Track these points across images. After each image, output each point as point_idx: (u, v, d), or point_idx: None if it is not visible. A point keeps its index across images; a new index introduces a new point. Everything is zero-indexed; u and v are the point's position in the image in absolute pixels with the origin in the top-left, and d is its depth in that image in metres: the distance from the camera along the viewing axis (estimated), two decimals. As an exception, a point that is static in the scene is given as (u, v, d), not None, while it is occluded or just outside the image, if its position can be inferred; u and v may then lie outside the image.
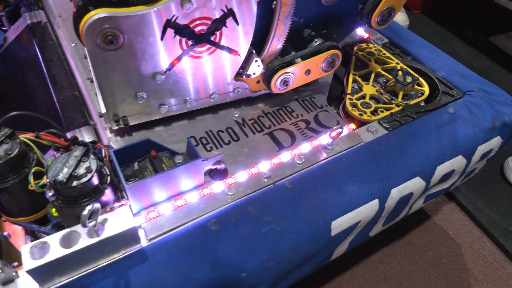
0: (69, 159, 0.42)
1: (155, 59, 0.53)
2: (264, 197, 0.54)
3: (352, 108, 0.70)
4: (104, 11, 0.45)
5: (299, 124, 0.67)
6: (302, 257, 0.54)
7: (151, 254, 0.47)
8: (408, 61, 0.81)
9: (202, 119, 0.66)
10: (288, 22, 0.59)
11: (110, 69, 0.51)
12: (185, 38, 0.52)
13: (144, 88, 0.56)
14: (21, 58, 0.78)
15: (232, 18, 0.53)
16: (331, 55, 0.65)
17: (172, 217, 0.51)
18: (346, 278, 0.82)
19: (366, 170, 0.59)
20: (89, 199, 0.44)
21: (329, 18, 0.65)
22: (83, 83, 0.68)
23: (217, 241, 0.49)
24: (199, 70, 0.58)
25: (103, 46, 0.48)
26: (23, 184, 0.45)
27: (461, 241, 0.90)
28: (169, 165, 0.53)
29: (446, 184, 0.70)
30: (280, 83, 0.64)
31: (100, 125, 0.62)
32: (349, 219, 0.56)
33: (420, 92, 0.75)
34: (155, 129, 0.63)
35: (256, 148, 0.62)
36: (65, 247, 0.42)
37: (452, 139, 0.66)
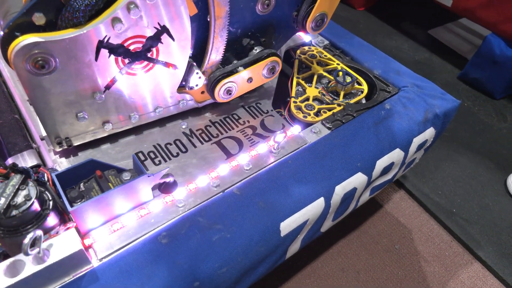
0: (6, 189, 0.42)
1: (92, 79, 0.53)
2: (214, 206, 0.56)
3: (296, 111, 0.72)
4: (32, 37, 0.45)
5: (246, 131, 0.69)
6: (254, 260, 0.56)
7: (101, 274, 0.47)
8: (348, 61, 0.85)
9: (149, 133, 0.66)
10: (224, 33, 0.60)
11: (46, 92, 0.50)
12: (121, 56, 0.53)
13: (85, 108, 0.56)
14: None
15: (166, 34, 0.54)
16: (271, 62, 0.68)
17: (122, 235, 0.52)
18: (307, 273, 0.86)
19: (310, 171, 0.62)
20: (32, 226, 0.43)
21: (265, 26, 0.67)
22: (23, 105, 0.67)
23: (168, 254, 0.50)
24: (140, 86, 0.59)
25: (34, 71, 0.47)
26: (-40, 217, 0.44)
27: (411, 226, 0.96)
28: (115, 183, 0.54)
29: (388, 176, 0.75)
30: (224, 92, 0.66)
31: (44, 148, 0.61)
32: (297, 219, 0.58)
33: (360, 90, 0.79)
34: (102, 147, 0.63)
35: (205, 158, 0.63)
36: (11, 276, 0.41)
37: (389, 134, 0.70)
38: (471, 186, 1.05)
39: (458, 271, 0.89)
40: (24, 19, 0.45)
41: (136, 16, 0.49)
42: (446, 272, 0.89)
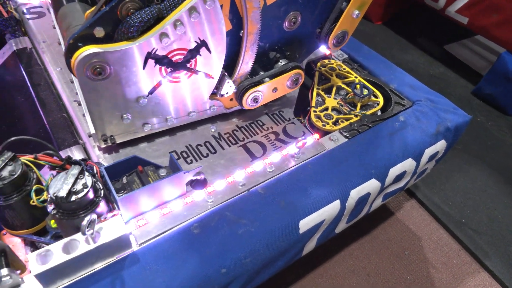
0: (68, 177, 0.49)
1: (138, 85, 0.60)
2: (240, 203, 0.62)
3: (316, 120, 0.78)
4: (92, 48, 0.52)
5: (270, 136, 0.75)
6: (275, 254, 0.61)
7: (141, 257, 0.53)
8: (365, 75, 0.91)
9: (182, 134, 0.73)
10: (254, 48, 0.67)
11: (99, 96, 0.58)
12: (164, 66, 0.60)
13: (129, 110, 0.63)
14: (9, 83, 0.83)
15: (205, 47, 0.61)
16: (294, 74, 0.74)
17: (159, 224, 0.58)
18: (320, 272, 0.91)
19: (328, 175, 0.68)
20: (86, 211, 0.50)
21: (291, 41, 0.74)
22: (70, 105, 0.74)
23: (200, 243, 0.56)
24: (178, 92, 0.65)
25: (92, 77, 0.54)
26: (25, 200, 0.51)
27: (421, 233, 1.01)
28: (154, 178, 0.60)
29: (400, 184, 0.80)
30: (251, 100, 0.72)
31: (89, 144, 0.68)
32: (315, 218, 0.64)
33: (375, 102, 0.85)
34: (140, 146, 0.70)
35: (232, 159, 0.70)
36: (67, 253, 0.48)
37: (403, 144, 0.76)
38: (480, 198, 1.08)
39: (465, 279, 0.93)
40: (86, 32, 0.52)
41: (181, 32, 0.56)
42: (453, 280, 0.93)
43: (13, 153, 0.51)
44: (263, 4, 0.63)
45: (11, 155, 0.50)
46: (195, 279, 0.54)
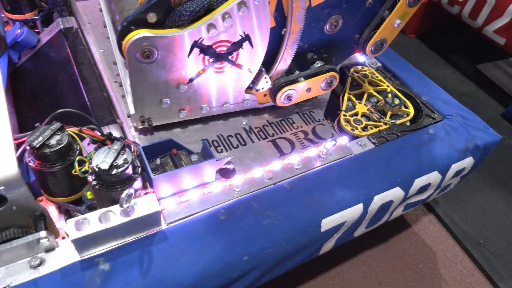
0: (110, 152, 0.51)
1: (180, 72, 0.62)
2: (266, 195, 0.64)
3: (345, 124, 0.79)
4: (144, 32, 0.55)
5: (299, 135, 0.76)
6: (295, 248, 0.63)
7: (169, 235, 0.56)
8: (398, 85, 0.91)
9: (214, 124, 0.75)
10: (294, 47, 0.69)
11: (144, 78, 0.60)
12: (208, 56, 0.62)
13: (169, 96, 0.65)
14: (53, 59, 0.86)
15: (248, 42, 0.63)
16: (329, 76, 0.75)
17: (188, 206, 0.60)
18: (331, 275, 0.92)
19: (353, 178, 0.69)
20: (123, 185, 0.53)
21: (329, 44, 0.75)
22: (110, 86, 0.78)
23: (225, 229, 0.58)
24: (216, 83, 0.68)
25: (140, 59, 0.57)
26: (68, 170, 0.54)
27: (436, 249, 1.00)
28: (186, 162, 0.63)
29: (423, 196, 0.80)
30: (285, 98, 0.74)
31: (126, 124, 0.71)
32: (337, 219, 0.65)
33: (406, 113, 0.85)
34: (174, 130, 0.72)
35: (260, 153, 0.71)
36: (102, 223, 0.51)
37: (430, 157, 0.76)
38: (500, 221, 1.07)
39: (478, 299, 0.93)
40: (139, 16, 0.55)
41: (228, 25, 0.58)
42: (465, 298, 0.92)
43: (61, 124, 0.54)
44: (308, 5, 0.64)
45: (59, 126, 0.53)
46: (218, 263, 0.56)
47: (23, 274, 0.50)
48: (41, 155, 0.51)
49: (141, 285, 0.51)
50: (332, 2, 0.67)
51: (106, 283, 0.50)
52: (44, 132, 0.52)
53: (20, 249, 0.50)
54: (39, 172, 0.53)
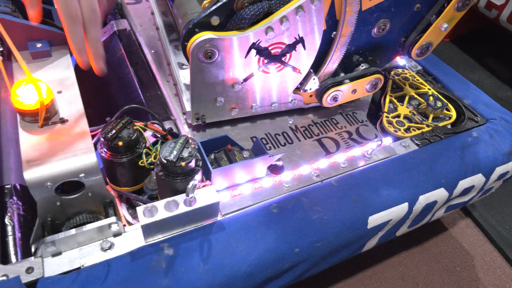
0: (177, 145, 0.55)
1: (236, 72, 0.66)
2: (314, 191, 0.66)
3: (388, 125, 0.81)
4: (208, 34, 0.59)
5: (343, 134, 0.79)
6: (341, 243, 0.65)
7: (226, 226, 0.59)
8: (439, 88, 0.92)
9: (262, 122, 0.78)
10: (343, 49, 0.71)
11: (204, 78, 0.64)
12: (263, 57, 0.65)
13: (223, 94, 0.69)
14: (109, 59, 0.91)
15: (301, 44, 0.65)
16: (375, 78, 0.77)
17: (241, 199, 0.63)
18: (369, 274, 0.93)
19: (399, 178, 0.71)
20: (186, 177, 0.56)
21: (375, 47, 0.77)
22: (163, 85, 0.82)
23: (277, 222, 0.61)
24: (267, 83, 0.71)
25: (203, 60, 0.61)
26: (134, 161, 0.58)
27: (474, 253, 1.00)
28: (239, 158, 0.66)
29: (465, 198, 0.81)
30: (331, 99, 0.76)
31: (179, 121, 0.75)
32: (383, 216, 0.67)
33: (448, 116, 0.86)
34: (224, 128, 0.76)
35: (307, 151, 0.74)
36: (168, 211, 0.54)
37: (474, 159, 0.77)
38: (540, 227, 1.06)
39: (517, 305, 0.92)
40: (204, 19, 0.59)
41: (285, 28, 0.61)
42: (504, 303, 0.92)
43: (131, 119, 0.58)
44: (359, 9, 0.67)
45: (130, 120, 0.57)
46: (271, 253, 0.58)
47: (95, 255, 0.54)
48: (113, 146, 0.56)
49: (202, 271, 0.54)
50: (382, 6, 0.69)
51: (170, 267, 0.54)
52: (117, 126, 0.56)
53: (92, 233, 0.54)
54: (109, 162, 0.58)
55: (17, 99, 0.52)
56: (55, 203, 0.53)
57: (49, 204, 0.53)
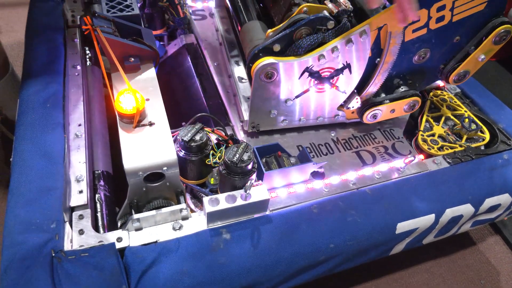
0: (239, 149, 0.67)
1: (290, 90, 0.77)
2: (350, 197, 0.76)
3: (422, 143, 0.89)
4: (270, 59, 0.70)
5: (379, 149, 0.88)
6: (371, 244, 0.74)
7: (273, 219, 0.70)
8: (475, 111, 0.99)
9: (307, 133, 0.89)
10: (386, 74, 0.80)
11: (263, 94, 0.76)
12: (313, 79, 0.76)
13: (277, 108, 0.80)
14: (178, 69, 1.06)
15: (348, 69, 0.76)
16: (413, 100, 0.86)
17: (286, 198, 0.75)
18: (395, 278, 1.01)
19: (428, 191, 0.79)
20: (244, 176, 0.68)
21: (415, 72, 0.85)
22: (224, 94, 0.95)
23: (317, 220, 0.71)
24: (315, 100, 0.81)
25: (264, 80, 0.73)
26: (203, 160, 0.71)
27: (500, 269, 1.05)
28: (287, 163, 0.77)
29: (492, 215, 0.87)
30: (371, 116, 0.85)
31: (236, 127, 0.88)
32: (410, 224, 0.76)
33: (481, 138, 0.92)
34: (274, 136, 0.87)
35: (346, 161, 0.84)
36: (228, 203, 0.67)
37: (502, 180, 0.83)
38: None
39: (539, 322, 0.96)
40: (267, 46, 0.71)
41: (335, 56, 0.72)
42: (526, 319, 0.96)
43: (202, 125, 0.71)
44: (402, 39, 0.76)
45: (201, 126, 0.71)
46: (310, 246, 0.69)
47: (168, 233, 0.67)
48: (188, 146, 0.69)
49: (252, 255, 0.66)
50: (423, 38, 0.77)
51: (227, 249, 0.66)
52: (191, 130, 0.69)
53: (167, 215, 0.68)
54: (183, 159, 0.71)
55: (120, 104, 0.67)
56: (142, 189, 0.67)
57: (137, 189, 0.67)
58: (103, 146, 0.88)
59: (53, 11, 1.05)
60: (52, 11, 1.05)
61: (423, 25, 0.74)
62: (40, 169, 0.68)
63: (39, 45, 0.94)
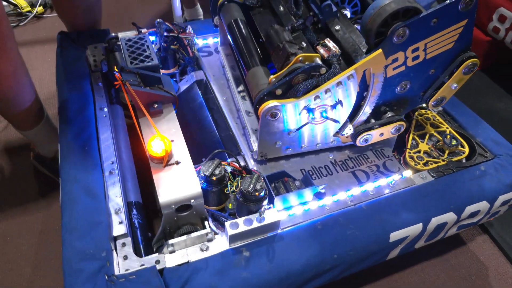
0: (252, 180, 0.80)
1: (292, 125, 0.90)
2: (348, 213, 0.89)
3: (409, 159, 1.02)
4: (274, 102, 0.84)
5: (372, 167, 1.01)
6: (369, 252, 0.87)
7: (285, 237, 0.83)
8: (456, 127, 1.11)
9: (309, 158, 1.02)
10: (373, 105, 0.93)
11: (269, 129, 0.89)
12: (311, 113, 0.89)
13: (282, 139, 0.94)
14: (191, 103, 1.20)
15: (340, 104, 0.89)
16: (398, 124, 0.99)
17: (294, 218, 0.87)
18: (395, 278, 1.13)
19: (415, 203, 0.92)
20: (258, 202, 0.81)
21: (399, 100, 0.98)
22: (233, 126, 1.08)
23: (321, 235, 0.84)
24: (314, 130, 0.95)
25: (269, 118, 0.86)
26: (222, 190, 0.84)
27: (488, 265, 1.17)
28: (293, 187, 0.90)
29: (474, 220, 1.00)
30: (363, 140, 0.98)
31: (247, 156, 1.01)
32: (401, 233, 0.88)
33: (462, 151, 1.05)
34: (280, 162, 1.00)
35: (343, 181, 0.97)
36: (246, 226, 0.80)
37: (480, 189, 0.96)
38: (553, 246, 1.21)
39: (525, 311, 1.08)
40: (271, 91, 0.84)
41: (329, 96, 0.85)
42: (513, 309, 1.09)
43: (219, 160, 0.84)
44: (384, 77, 0.89)
45: (219, 162, 0.84)
46: (316, 257, 0.82)
47: (197, 254, 0.80)
48: (209, 180, 0.82)
49: (268, 268, 0.79)
50: (403, 73, 0.90)
51: (248, 264, 0.79)
52: (211, 166, 0.82)
53: (195, 239, 0.81)
54: (205, 191, 0.84)
55: (151, 149, 0.80)
56: (173, 218, 0.80)
57: (170, 218, 0.80)
58: (132, 178, 1.02)
59: (78, 59, 1.19)
60: (77, 59, 1.19)
61: (401, 64, 0.88)
62: (87, 206, 0.82)
63: (70, 92, 1.08)
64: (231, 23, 1.07)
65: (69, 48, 1.22)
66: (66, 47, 1.22)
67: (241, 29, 1.04)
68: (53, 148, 1.25)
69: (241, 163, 0.97)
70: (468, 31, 0.87)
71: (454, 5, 0.80)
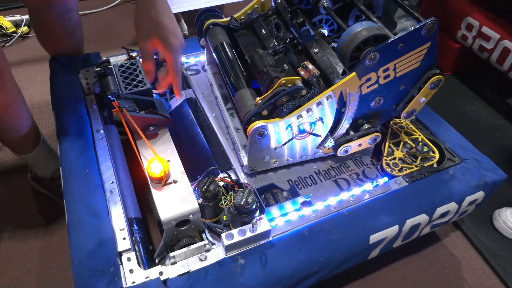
0: (245, 194, 0.88)
1: (277, 141, 0.99)
2: (332, 219, 0.98)
3: (386, 166, 1.12)
4: (261, 122, 0.92)
5: (352, 175, 1.10)
6: (352, 254, 0.96)
7: (276, 244, 0.92)
8: (427, 134, 1.22)
9: (294, 169, 1.11)
10: (351, 119, 1.03)
11: (257, 146, 0.97)
12: (295, 130, 0.98)
13: (269, 154, 1.02)
14: (182, 121, 1.27)
15: (321, 121, 0.98)
16: (375, 135, 1.08)
17: (283, 226, 0.96)
18: (377, 275, 1.23)
19: (391, 208, 1.01)
20: (250, 214, 0.90)
21: (374, 114, 1.08)
22: (224, 142, 1.16)
23: (308, 241, 0.93)
24: (298, 145, 1.03)
25: (257, 137, 0.94)
26: (216, 204, 0.92)
27: (461, 258, 1.28)
28: (281, 197, 0.99)
29: (444, 219, 1.10)
30: (343, 151, 1.08)
31: (238, 169, 1.09)
32: (380, 235, 0.98)
33: (433, 157, 1.16)
34: (268, 174, 1.09)
35: (327, 189, 1.06)
36: (240, 236, 0.88)
37: (449, 191, 1.06)
38: (518, 237, 1.33)
39: (495, 298, 1.20)
40: (258, 112, 0.92)
41: (310, 114, 0.94)
42: (484, 297, 1.20)
43: (213, 177, 0.92)
44: (360, 94, 0.99)
45: (213, 178, 0.92)
46: (305, 262, 0.91)
47: (196, 264, 0.88)
48: (205, 196, 0.90)
49: (262, 273, 0.87)
50: (376, 90, 1.00)
51: (243, 271, 0.87)
52: (206, 183, 0.90)
53: (194, 250, 0.89)
54: (202, 206, 0.92)
55: (151, 170, 0.87)
56: (174, 232, 0.88)
57: (170, 233, 0.88)
58: (131, 195, 1.09)
59: (71, 83, 1.25)
60: (71, 83, 1.25)
61: (374, 82, 0.97)
62: (93, 225, 0.89)
63: (67, 116, 1.14)
64: (217, 47, 1.15)
65: (62, 73, 1.27)
66: (59, 72, 1.28)
67: (227, 52, 1.13)
68: (50, 168, 1.31)
69: (232, 177, 1.05)
70: (432, 51, 0.97)
71: (418, 31, 0.90)
